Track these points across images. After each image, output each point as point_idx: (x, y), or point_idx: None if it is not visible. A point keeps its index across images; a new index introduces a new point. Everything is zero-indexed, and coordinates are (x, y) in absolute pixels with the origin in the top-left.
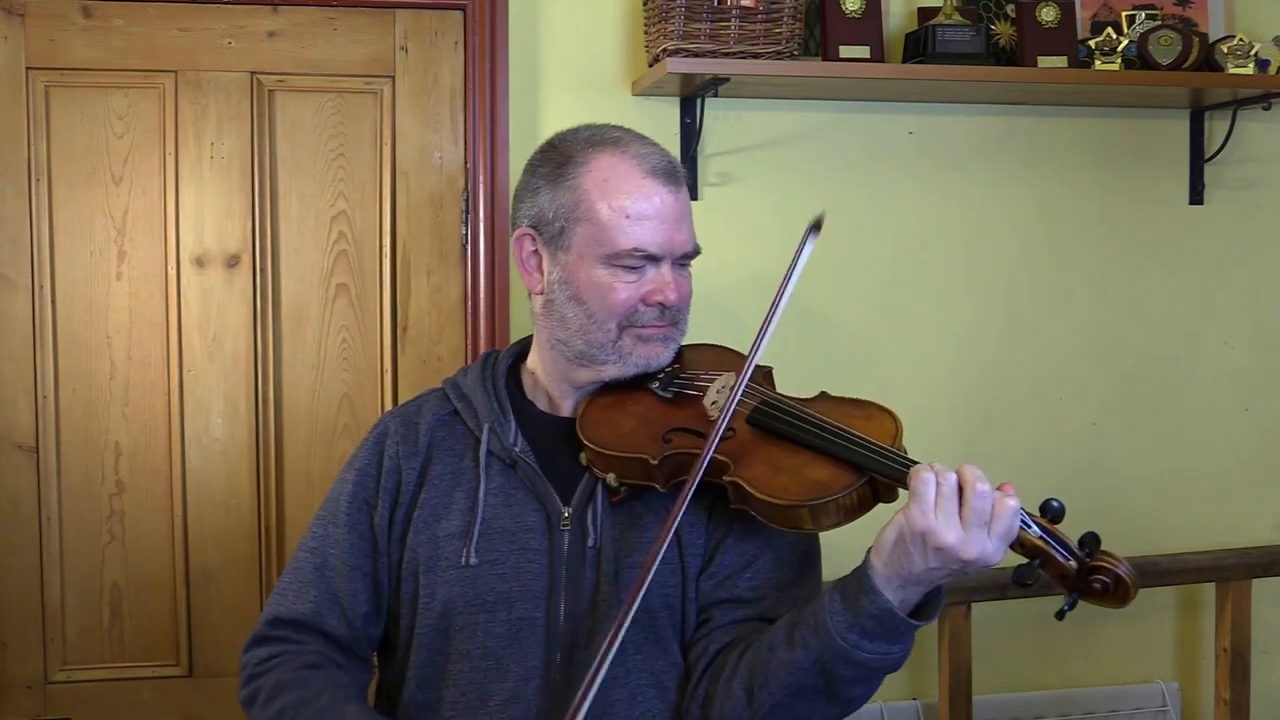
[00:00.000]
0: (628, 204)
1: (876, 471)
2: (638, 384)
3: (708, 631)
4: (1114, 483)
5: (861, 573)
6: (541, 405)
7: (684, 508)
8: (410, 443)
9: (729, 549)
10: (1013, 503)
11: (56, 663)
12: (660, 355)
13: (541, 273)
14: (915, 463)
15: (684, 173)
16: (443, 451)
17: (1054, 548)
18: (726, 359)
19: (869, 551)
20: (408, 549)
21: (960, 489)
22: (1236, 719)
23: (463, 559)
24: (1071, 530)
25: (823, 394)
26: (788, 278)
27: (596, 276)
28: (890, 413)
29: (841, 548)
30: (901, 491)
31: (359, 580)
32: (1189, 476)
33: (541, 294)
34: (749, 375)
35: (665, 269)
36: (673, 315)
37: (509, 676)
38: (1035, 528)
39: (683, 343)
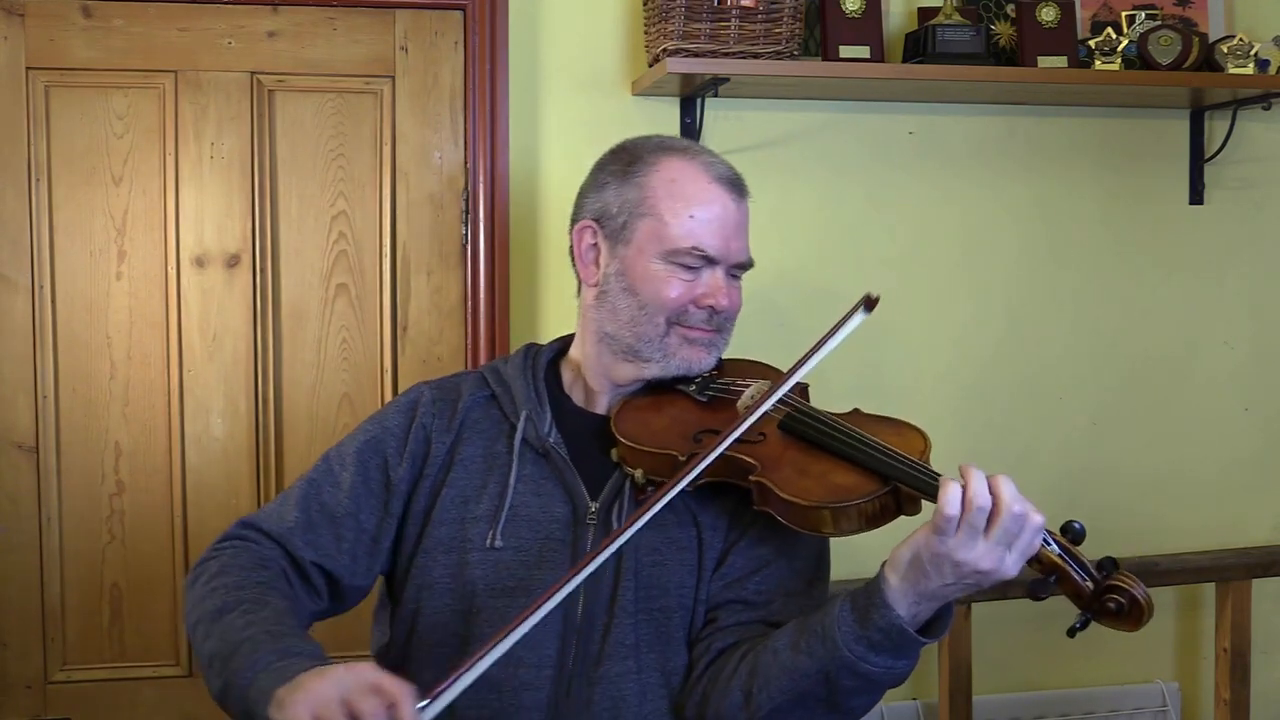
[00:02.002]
0: (692, 205)
1: (902, 481)
2: (674, 388)
3: (711, 631)
4: (1114, 482)
5: (875, 586)
6: (578, 400)
7: (686, 484)
8: (445, 416)
9: (741, 551)
10: (1038, 519)
11: (56, 663)
12: (703, 360)
13: (598, 265)
14: (940, 476)
15: (747, 187)
16: (475, 433)
17: (1072, 566)
18: (767, 373)
19: (884, 565)
20: (431, 525)
21: (993, 507)
22: (1236, 719)
23: (488, 541)
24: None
25: (855, 410)
26: (830, 335)
27: (653, 270)
28: (921, 431)
29: (861, 545)
30: (925, 505)
31: (347, 526)
32: (1189, 476)
33: (595, 285)
34: (787, 386)
35: (720, 274)
36: (720, 321)
37: (523, 664)
38: (1055, 546)
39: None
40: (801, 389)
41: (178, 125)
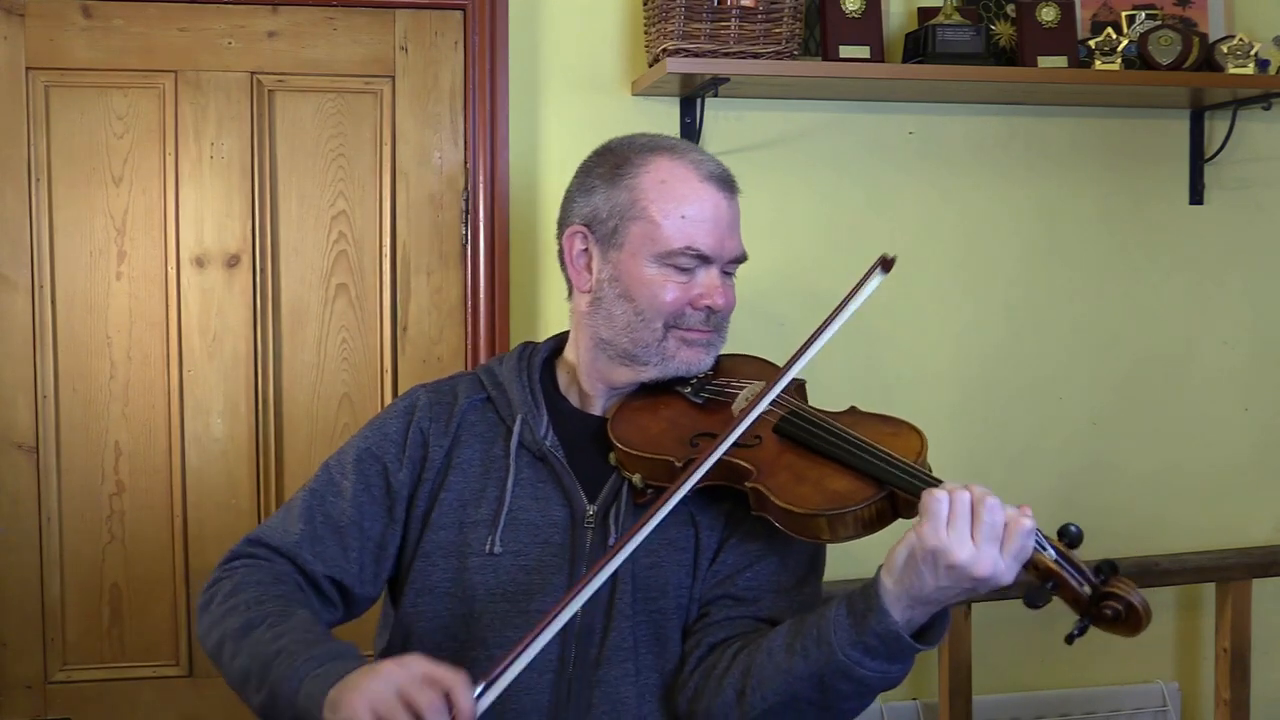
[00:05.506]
0: (684, 206)
1: (897, 486)
2: (670, 389)
3: (703, 625)
4: (1114, 482)
5: (871, 590)
6: (574, 402)
7: (687, 491)
8: (441, 420)
9: (733, 548)
10: (1028, 523)
11: (56, 663)
12: (702, 360)
13: (590, 271)
14: (939, 481)
15: (737, 184)
16: (472, 436)
17: (1068, 572)
18: (764, 371)
19: (880, 569)
20: (430, 529)
21: (972, 506)
22: (1236, 719)
23: (487, 547)
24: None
25: (852, 408)
26: (843, 305)
27: (648, 274)
28: (917, 430)
29: (857, 546)
30: None
31: (352, 535)
32: (1189, 476)
33: (588, 292)
34: (780, 387)
35: (715, 273)
36: (717, 321)
37: (523, 666)
38: (1051, 550)
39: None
40: (799, 386)
41: (178, 125)
